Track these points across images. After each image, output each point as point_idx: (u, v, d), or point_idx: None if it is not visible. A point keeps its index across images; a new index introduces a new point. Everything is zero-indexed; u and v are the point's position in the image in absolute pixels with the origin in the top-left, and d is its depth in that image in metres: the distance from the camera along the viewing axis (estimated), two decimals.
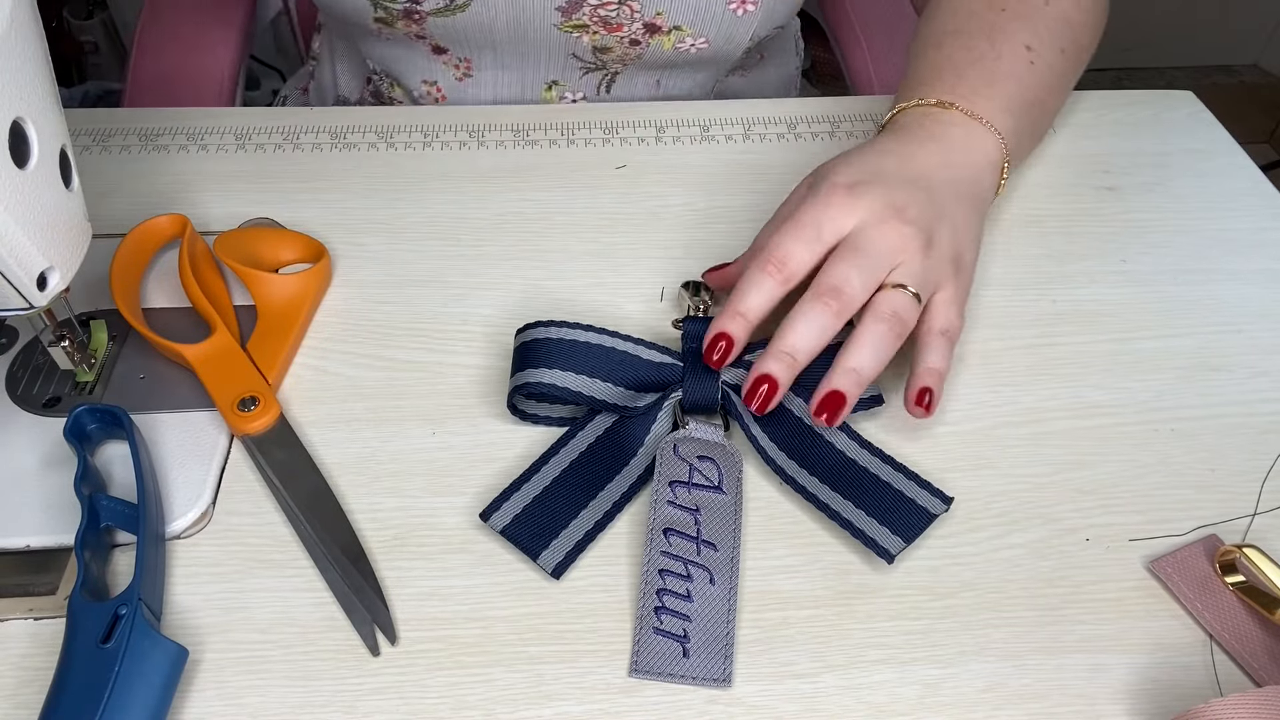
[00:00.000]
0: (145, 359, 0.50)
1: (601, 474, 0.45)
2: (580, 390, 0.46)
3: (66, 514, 0.42)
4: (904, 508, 0.43)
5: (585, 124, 0.65)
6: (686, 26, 0.64)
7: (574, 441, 0.46)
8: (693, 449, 0.45)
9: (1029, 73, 0.55)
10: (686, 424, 0.46)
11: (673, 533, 0.43)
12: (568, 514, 0.43)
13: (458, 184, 0.61)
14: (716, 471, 0.45)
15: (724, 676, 0.39)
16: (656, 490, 0.44)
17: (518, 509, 0.43)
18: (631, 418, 0.46)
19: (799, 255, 0.46)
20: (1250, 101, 2.05)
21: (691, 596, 0.41)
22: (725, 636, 0.40)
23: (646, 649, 0.40)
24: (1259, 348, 0.53)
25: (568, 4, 0.63)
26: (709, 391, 0.46)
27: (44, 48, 0.38)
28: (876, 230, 0.46)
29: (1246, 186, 0.63)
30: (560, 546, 0.42)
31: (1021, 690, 0.39)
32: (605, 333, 0.48)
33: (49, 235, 0.39)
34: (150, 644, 0.37)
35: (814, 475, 0.44)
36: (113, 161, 0.62)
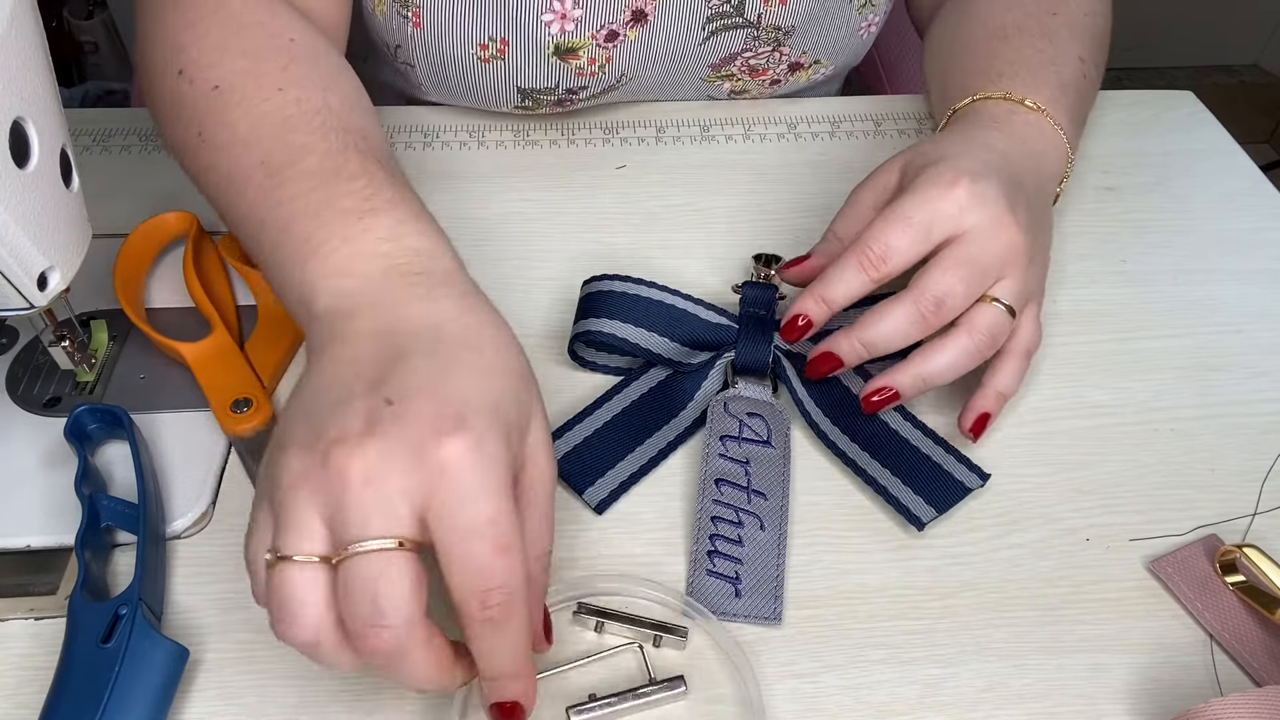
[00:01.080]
0: (145, 359, 0.50)
1: (651, 422, 0.48)
2: (638, 342, 0.48)
3: (66, 514, 0.42)
4: (940, 479, 0.45)
5: (585, 124, 0.65)
6: (825, 59, 0.64)
7: (628, 390, 0.49)
8: (742, 406, 0.47)
9: (1084, 84, 0.55)
10: (736, 384, 0.48)
11: (724, 483, 0.45)
12: (615, 455, 0.46)
13: (458, 184, 0.61)
14: (765, 427, 0.47)
15: (774, 615, 0.41)
16: (708, 444, 0.46)
17: (568, 447, 0.46)
18: (684, 373, 0.49)
19: (902, 252, 0.43)
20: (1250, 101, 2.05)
21: (743, 541, 0.43)
22: (775, 578, 0.42)
23: (700, 589, 0.42)
24: (1259, 348, 0.53)
25: (721, 60, 0.62)
26: (761, 354, 0.48)
27: (44, 48, 0.38)
28: (989, 236, 0.43)
29: (1246, 186, 0.63)
30: (605, 484, 0.45)
31: (1021, 690, 0.39)
32: (666, 290, 0.50)
33: (49, 235, 0.39)
34: (150, 644, 0.37)
35: (855, 441, 0.46)
36: (113, 161, 0.62)
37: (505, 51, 0.58)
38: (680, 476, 0.46)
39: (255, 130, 0.45)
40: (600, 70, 0.60)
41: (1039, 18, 0.57)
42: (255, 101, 0.45)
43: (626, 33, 0.58)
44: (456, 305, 0.37)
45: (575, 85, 0.61)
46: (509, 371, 0.35)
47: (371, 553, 0.30)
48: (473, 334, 0.36)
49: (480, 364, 0.35)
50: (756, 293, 0.50)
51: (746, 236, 0.58)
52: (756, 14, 0.59)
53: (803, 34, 0.61)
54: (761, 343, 0.48)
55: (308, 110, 0.45)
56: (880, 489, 0.44)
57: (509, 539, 0.31)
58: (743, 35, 0.60)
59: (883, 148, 0.64)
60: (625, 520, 0.45)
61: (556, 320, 0.53)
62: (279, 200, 0.42)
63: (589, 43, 0.58)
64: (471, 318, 0.37)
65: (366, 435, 0.31)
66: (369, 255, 0.39)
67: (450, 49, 0.59)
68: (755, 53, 0.62)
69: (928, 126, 0.66)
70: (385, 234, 0.40)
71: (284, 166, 0.43)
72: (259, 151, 0.44)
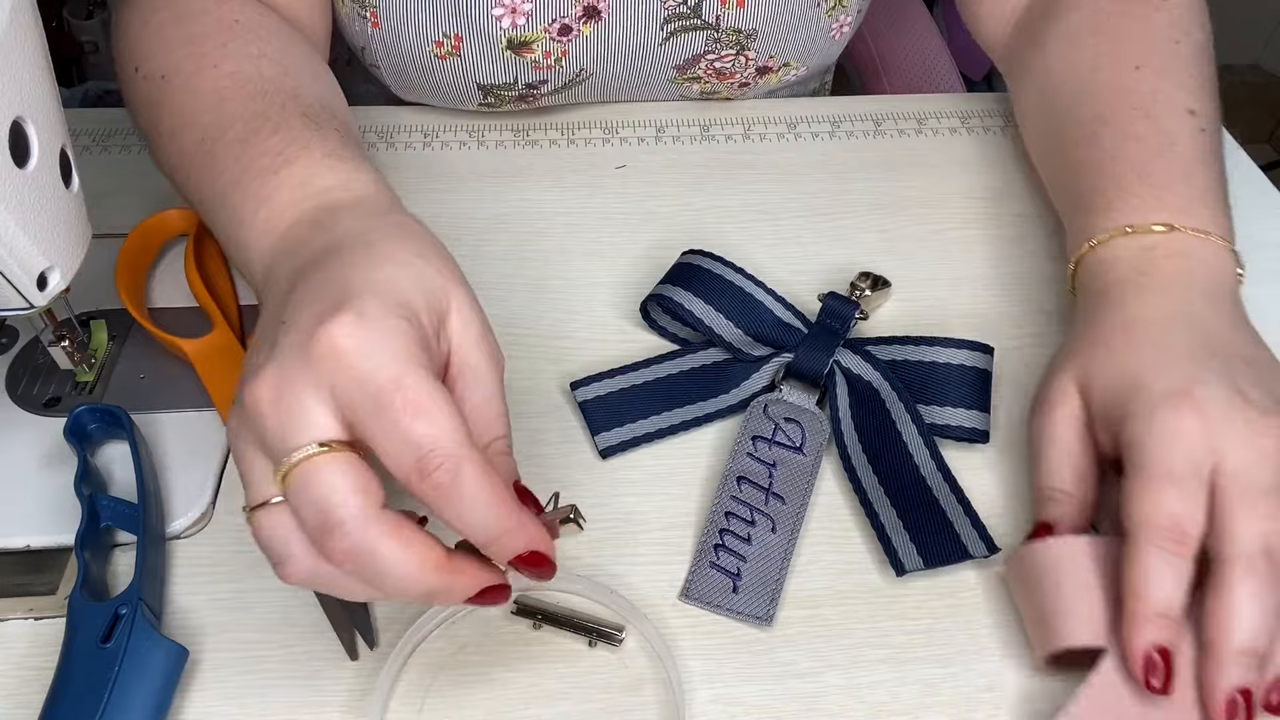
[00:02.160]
0: (145, 359, 0.50)
1: (688, 395, 0.48)
2: (702, 317, 0.49)
3: (66, 514, 0.42)
4: (944, 536, 0.43)
5: (585, 124, 0.65)
6: (795, 62, 0.64)
7: (679, 360, 0.50)
8: (781, 410, 0.47)
9: (1205, 146, 0.48)
10: (782, 388, 0.48)
11: (745, 481, 0.45)
12: (641, 412, 0.47)
13: (458, 184, 0.61)
14: (801, 434, 0.46)
15: (767, 616, 0.41)
16: (738, 442, 0.46)
17: (603, 391, 0.48)
18: (740, 360, 0.49)
19: (1192, 517, 0.36)
20: (1250, 101, 2.05)
21: (751, 540, 0.43)
22: (776, 581, 0.42)
23: (699, 579, 0.42)
24: None
25: (684, 62, 0.62)
26: (818, 364, 0.48)
27: (44, 48, 0.38)
28: (1253, 449, 0.37)
29: (1246, 186, 0.63)
30: (620, 434, 0.47)
31: (1022, 690, 0.39)
32: (751, 279, 0.50)
33: (49, 235, 0.39)
34: (150, 644, 0.37)
35: (875, 474, 0.45)
36: (113, 161, 0.62)
37: (460, 48, 0.59)
38: (702, 474, 0.46)
39: (195, 110, 0.46)
40: (557, 64, 0.60)
41: (1125, 87, 0.49)
42: (195, 82, 0.47)
43: (580, 28, 0.58)
44: (359, 223, 0.38)
45: (534, 80, 0.61)
46: (404, 262, 0.35)
47: (298, 464, 0.30)
48: (367, 235, 0.36)
49: (370, 258, 0.34)
50: (837, 305, 0.50)
51: (747, 236, 0.58)
52: (714, 16, 0.59)
53: (766, 37, 0.61)
54: (823, 353, 0.48)
55: (240, 81, 0.46)
56: (878, 526, 0.43)
57: (422, 400, 0.30)
58: (703, 37, 0.60)
59: (883, 148, 0.64)
60: (629, 521, 0.45)
61: (556, 321, 0.53)
62: (214, 175, 0.44)
63: (542, 36, 0.58)
64: (369, 224, 0.38)
65: (266, 361, 0.32)
66: (285, 208, 0.40)
67: (408, 48, 0.59)
68: (719, 55, 0.62)
69: (929, 127, 0.66)
70: (297, 182, 0.41)
71: (215, 141, 0.44)
72: (198, 130, 0.46)
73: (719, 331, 0.49)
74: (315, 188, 0.41)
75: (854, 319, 0.49)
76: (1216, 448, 0.37)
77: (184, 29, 0.49)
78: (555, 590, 0.42)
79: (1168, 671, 0.36)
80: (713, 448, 0.47)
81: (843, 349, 0.48)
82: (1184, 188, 0.46)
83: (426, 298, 0.34)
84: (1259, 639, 0.35)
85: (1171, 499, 0.36)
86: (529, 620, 0.41)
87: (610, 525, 0.44)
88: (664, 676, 0.39)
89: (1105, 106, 0.50)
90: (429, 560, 0.31)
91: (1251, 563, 0.36)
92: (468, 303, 0.36)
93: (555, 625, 0.40)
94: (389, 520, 0.31)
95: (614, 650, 0.40)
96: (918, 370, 0.48)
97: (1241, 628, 0.35)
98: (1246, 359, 0.40)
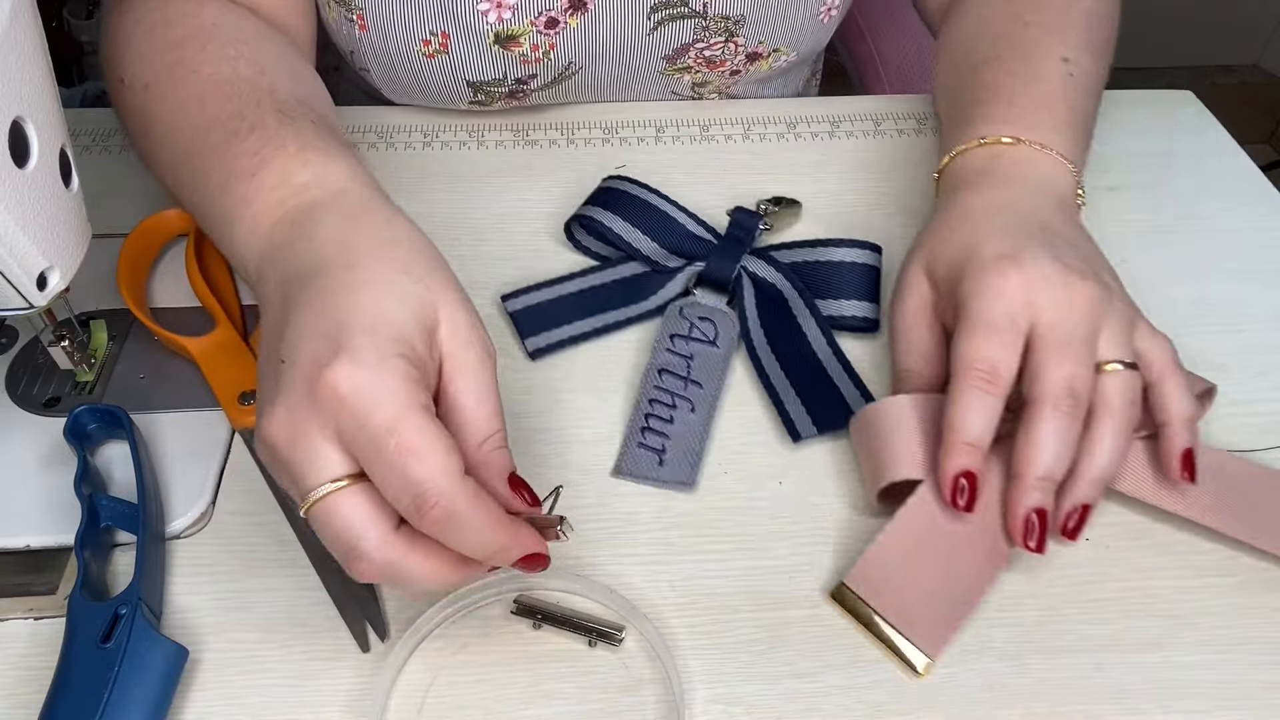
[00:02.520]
0: (145, 359, 0.50)
1: (610, 302, 0.53)
2: (621, 234, 0.54)
3: (66, 514, 0.42)
4: (834, 405, 0.48)
5: (585, 124, 0.65)
6: (784, 47, 0.64)
7: (601, 273, 0.54)
8: (695, 311, 0.52)
9: (1071, 87, 0.53)
10: (695, 293, 0.53)
11: (666, 373, 0.49)
12: (567, 318, 0.52)
13: (458, 184, 0.61)
14: (714, 329, 0.51)
15: (690, 480, 0.46)
16: (659, 340, 0.51)
17: (532, 301, 0.52)
18: (657, 272, 0.54)
19: (1005, 360, 0.41)
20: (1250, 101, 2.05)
21: (674, 421, 0.48)
22: (696, 452, 0.47)
23: (629, 458, 0.47)
24: (1259, 348, 0.53)
25: (674, 51, 0.62)
26: (726, 270, 0.53)
27: (44, 48, 0.38)
28: (1067, 305, 0.42)
29: (1246, 186, 0.63)
30: (548, 338, 0.51)
31: (1021, 690, 0.39)
32: (666, 199, 0.56)
33: (49, 235, 0.39)
34: (150, 644, 0.37)
35: (777, 361, 0.50)
36: (113, 161, 0.62)
37: (448, 44, 0.59)
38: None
39: (178, 116, 0.47)
40: (545, 58, 0.60)
41: (1009, 36, 0.55)
42: (177, 89, 0.47)
43: (567, 20, 0.59)
44: (338, 228, 0.39)
45: (524, 75, 0.61)
46: (388, 283, 0.36)
47: (315, 504, 0.33)
48: (350, 253, 0.37)
49: (354, 285, 0.36)
50: (743, 217, 0.55)
51: None
52: (702, 3, 0.59)
53: (755, 23, 0.61)
54: (731, 260, 0.53)
55: (218, 83, 0.47)
56: (777, 401, 0.48)
57: (414, 443, 0.32)
58: (691, 25, 0.60)
59: (883, 147, 0.64)
60: (629, 521, 0.45)
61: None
62: (203, 180, 0.45)
63: (529, 29, 0.59)
64: (348, 232, 0.38)
65: (275, 401, 0.34)
66: (266, 209, 0.41)
67: (395, 47, 0.60)
68: (708, 44, 0.62)
69: (929, 126, 0.66)
70: (275, 181, 0.42)
71: (199, 146, 0.45)
72: (183, 136, 0.46)
73: (637, 246, 0.54)
74: (292, 186, 0.41)
75: (759, 229, 0.55)
76: (1034, 303, 0.42)
77: (165, 36, 0.50)
78: (555, 590, 0.42)
79: (972, 493, 0.41)
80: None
81: (749, 256, 0.53)
82: (1040, 114, 0.51)
83: (415, 319, 0.35)
84: (1056, 467, 0.41)
85: (990, 346, 0.41)
86: (529, 620, 0.41)
87: (610, 525, 0.44)
88: (663, 676, 0.39)
89: (991, 52, 0.56)
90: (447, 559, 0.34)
91: (1057, 402, 0.40)
92: (457, 306, 0.37)
93: (555, 625, 0.40)
94: (403, 541, 0.34)
95: (614, 650, 0.40)
96: (815, 269, 0.53)
97: (1042, 457, 0.40)
98: (1069, 239, 0.46)
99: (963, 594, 0.41)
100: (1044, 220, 0.46)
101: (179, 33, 0.49)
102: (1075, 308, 0.42)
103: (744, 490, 0.46)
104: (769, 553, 0.43)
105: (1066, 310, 0.42)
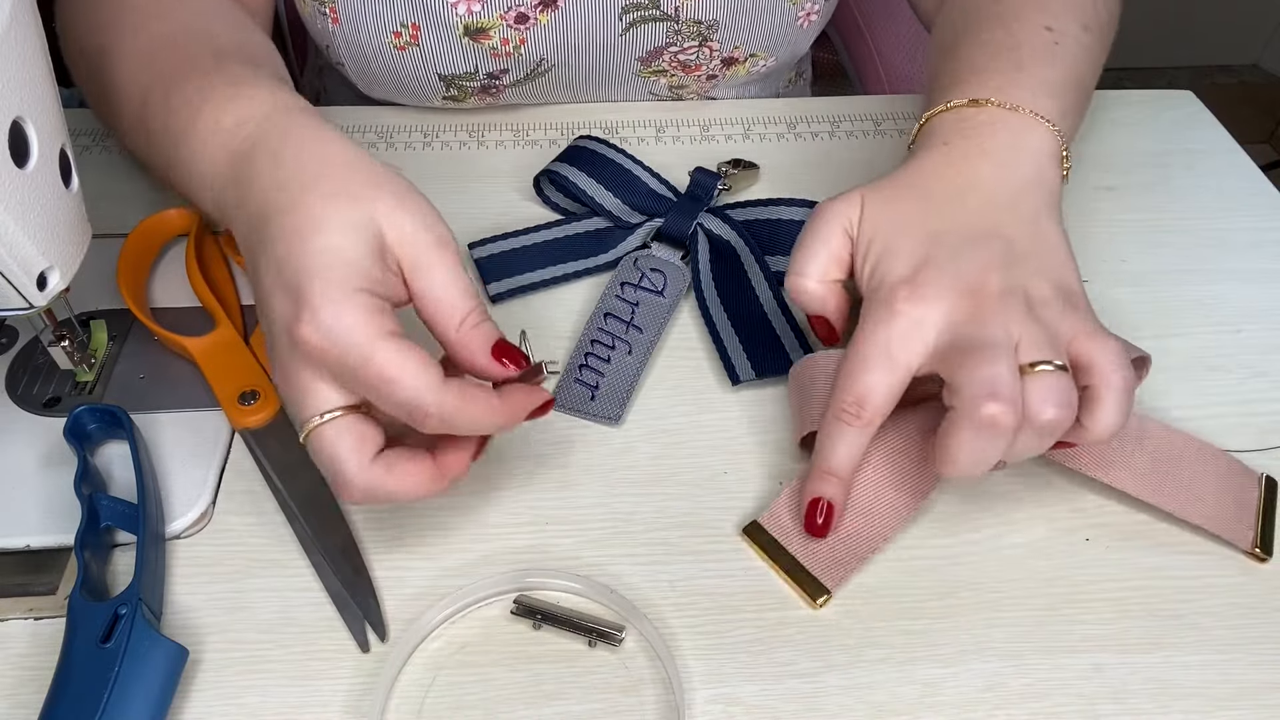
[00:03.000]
0: (145, 359, 0.50)
1: (570, 254, 0.56)
2: (585, 189, 0.57)
3: (66, 514, 0.42)
4: (774, 353, 0.50)
5: (586, 124, 0.65)
6: (761, 52, 0.64)
7: (565, 227, 0.57)
8: (649, 263, 0.55)
9: (1055, 52, 0.50)
10: (652, 246, 0.55)
11: (611, 317, 0.52)
12: (529, 266, 0.55)
13: (458, 184, 0.61)
14: (663, 281, 0.54)
15: (616, 417, 0.48)
16: (609, 287, 0.53)
17: (497, 250, 0.56)
18: (619, 227, 0.56)
19: (878, 390, 0.40)
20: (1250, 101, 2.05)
21: (610, 361, 0.50)
22: (626, 391, 0.49)
23: (565, 391, 0.49)
24: (1258, 348, 0.53)
25: (647, 54, 0.62)
26: (683, 226, 0.56)
27: (44, 48, 0.38)
28: (971, 326, 0.40)
29: (1246, 186, 0.63)
30: (509, 283, 0.54)
31: (1021, 690, 0.39)
32: (630, 158, 0.59)
33: (49, 235, 0.39)
34: (150, 644, 0.37)
35: (725, 312, 0.52)
36: (113, 161, 0.62)
37: (419, 37, 0.59)
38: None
39: (131, 74, 0.49)
40: (516, 52, 0.60)
41: (989, 10, 0.53)
42: (126, 48, 0.49)
43: (537, 16, 0.59)
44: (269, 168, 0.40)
45: (495, 69, 0.61)
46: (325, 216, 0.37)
47: (307, 435, 0.37)
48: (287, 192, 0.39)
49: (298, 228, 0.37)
50: (702, 177, 0.58)
51: None
52: (674, 6, 0.60)
53: (729, 27, 0.61)
54: (688, 217, 0.55)
55: (166, 38, 0.48)
56: (720, 346, 0.51)
57: (389, 371, 0.35)
58: (664, 29, 0.61)
59: (883, 147, 0.64)
60: (629, 521, 0.45)
61: (560, 321, 0.53)
62: (161, 135, 0.46)
63: (498, 23, 0.59)
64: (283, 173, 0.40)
65: (271, 355, 0.39)
66: (210, 158, 0.43)
67: (367, 41, 0.60)
68: (682, 48, 0.62)
69: None
70: (209, 128, 0.43)
71: (150, 102, 0.47)
72: (138, 94, 0.48)
73: (601, 201, 0.57)
74: (225, 130, 0.43)
75: (717, 189, 0.57)
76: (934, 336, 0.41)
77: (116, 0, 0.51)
78: (555, 590, 0.42)
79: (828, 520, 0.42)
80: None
81: (706, 214, 0.56)
82: (1013, 75, 0.48)
83: (363, 242, 0.37)
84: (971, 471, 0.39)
85: (859, 381, 0.41)
86: (529, 620, 0.41)
87: (610, 525, 0.44)
88: (663, 676, 0.39)
89: (973, 22, 0.54)
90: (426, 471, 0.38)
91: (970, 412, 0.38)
92: (398, 210, 0.38)
93: (555, 625, 0.40)
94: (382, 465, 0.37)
95: (614, 650, 0.40)
96: (767, 227, 0.56)
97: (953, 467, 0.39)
98: (1007, 238, 0.43)
99: (868, 539, 0.43)
100: (987, 199, 0.44)
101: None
102: (983, 330, 0.39)
103: (750, 491, 0.46)
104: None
105: (971, 334, 0.39)
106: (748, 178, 0.61)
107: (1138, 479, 0.44)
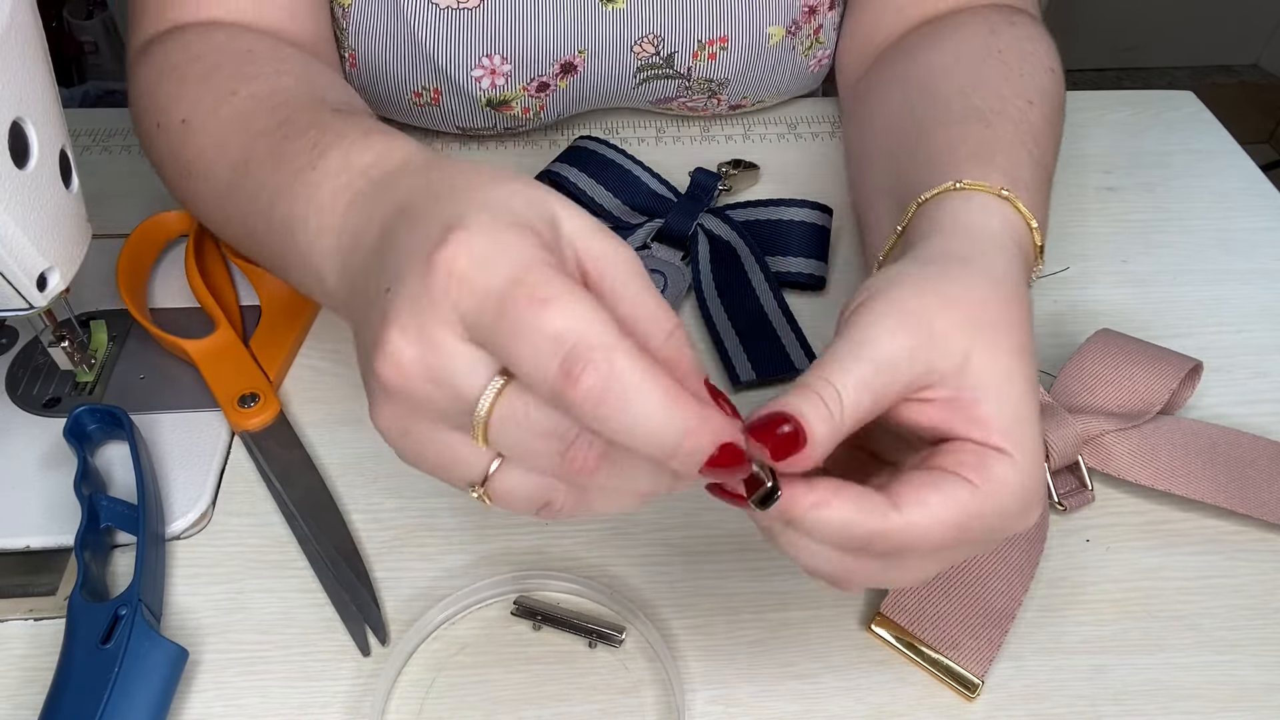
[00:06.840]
0: (145, 359, 0.50)
1: None
2: (585, 190, 0.57)
3: (66, 514, 0.42)
4: (775, 354, 0.50)
5: (586, 125, 0.65)
6: (769, 98, 0.65)
7: None
8: (649, 264, 0.54)
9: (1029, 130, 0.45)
10: (652, 247, 0.55)
11: None
12: None
13: None
14: (663, 281, 0.54)
15: None
16: None
17: None
18: (619, 227, 0.56)
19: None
20: (1250, 101, 2.05)
21: None
22: None
23: None
24: (1259, 348, 0.53)
25: (656, 101, 0.63)
26: (684, 226, 0.55)
27: (44, 48, 0.38)
28: None
29: (1246, 186, 0.63)
30: None
31: (1021, 690, 0.39)
32: (631, 159, 0.59)
33: (49, 235, 0.39)
34: (150, 644, 0.37)
35: (725, 312, 0.52)
36: (113, 161, 0.62)
37: (440, 100, 0.60)
38: None
39: (222, 140, 0.44)
40: (535, 116, 0.61)
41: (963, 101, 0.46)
42: (218, 113, 0.44)
43: (557, 83, 0.59)
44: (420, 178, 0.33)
45: (513, 125, 0.62)
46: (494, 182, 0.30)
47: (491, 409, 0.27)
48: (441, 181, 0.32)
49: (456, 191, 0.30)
50: (703, 177, 0.58)
51: None
52: (687, 67, 0.60)
53: (739, 83, 0.62)
54: (689, 217, 0.56)
55: (261, 99, 0.44)
56: (720, 347, 0.50)
57: (551, 289, 0.26)
58: (675, 85, 0.61)
59: None
60: (629, 521, 0.45)
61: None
62: (253, 199, 0.41)
63: (521, 94, 0.59)
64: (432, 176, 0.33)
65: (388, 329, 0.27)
66: (334, 198, 0.36)
67: (385, 93, 0.60)
68: (690, 98, 0.63)
69: None
70: (338, 167, 0.37)
71: (249, 160, 0.41)
72: (229, 157, 0.43)
73: (601, 202, 0.57)
74: (358, 168, 0.36)
75: (717, 189, 0.58)
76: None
77: (198, 68, 0.47)
78: (555, 591, 0.42)
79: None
80: None
81: (706, 214, 0.56)
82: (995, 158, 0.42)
83: (532, 207, 0.29)
84: None
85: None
86: (529, 621, 0.41)
87: (610, 525, 0.44)
88: (663, 677, 0.39)
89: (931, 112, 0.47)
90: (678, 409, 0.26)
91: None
92: (573, 207, 0.30)
93: (555, 626, 0.40)
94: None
95: (614, 651, 0.40)
96: (767, 227, 0.56)
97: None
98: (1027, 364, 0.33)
99: (1000, 610, 0.41)
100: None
101: (211, 63, 0.47)
102: None
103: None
104: (769, 552, 0.43)
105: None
106: (748, 178, 0.61)
107: (1218, 490, 0.44)
